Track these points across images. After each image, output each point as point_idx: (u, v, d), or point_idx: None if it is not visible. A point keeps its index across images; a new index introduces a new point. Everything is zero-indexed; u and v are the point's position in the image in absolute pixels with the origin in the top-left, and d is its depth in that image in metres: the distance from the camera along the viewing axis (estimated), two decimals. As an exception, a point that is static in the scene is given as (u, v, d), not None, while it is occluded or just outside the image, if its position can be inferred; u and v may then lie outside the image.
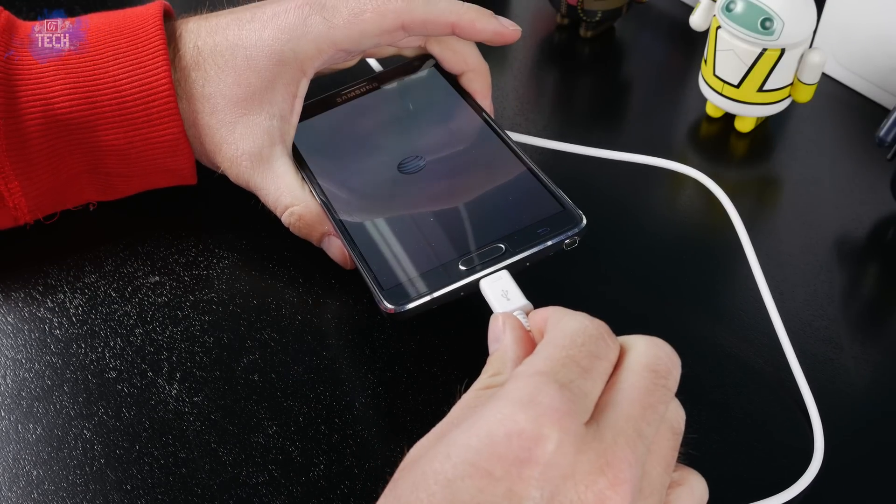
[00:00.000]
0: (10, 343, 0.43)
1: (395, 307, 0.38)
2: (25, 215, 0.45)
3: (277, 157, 0.44)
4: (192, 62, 0.44)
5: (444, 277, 0.39)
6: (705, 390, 0.43)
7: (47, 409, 0.41)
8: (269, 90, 0.44)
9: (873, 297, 0.48)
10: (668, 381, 0.31)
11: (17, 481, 0.39)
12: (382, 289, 0.39)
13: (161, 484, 0.39)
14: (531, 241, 0.39)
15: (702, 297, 0.47)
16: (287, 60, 0.44)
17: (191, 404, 0.41)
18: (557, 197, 0.41)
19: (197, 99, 0.44)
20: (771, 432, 0.41)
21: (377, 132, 0.48)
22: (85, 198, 0.47)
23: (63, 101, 0.43)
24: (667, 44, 0.62)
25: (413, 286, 0.39)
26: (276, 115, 0.44)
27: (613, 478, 0.28)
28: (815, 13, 0.51)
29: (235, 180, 0.45)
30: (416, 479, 0.28)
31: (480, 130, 0.46)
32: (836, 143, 0.56)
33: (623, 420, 0.29)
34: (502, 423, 0.28)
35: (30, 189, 0.44)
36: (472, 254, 0.39)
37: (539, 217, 0.40)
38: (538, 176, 0.42)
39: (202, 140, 0.45)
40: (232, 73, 0.44)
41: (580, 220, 0.40)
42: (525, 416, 0.28)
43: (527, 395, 0.29)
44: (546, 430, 0.27)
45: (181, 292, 0.46)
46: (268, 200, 0.45)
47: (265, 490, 0.39)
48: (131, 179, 0.46)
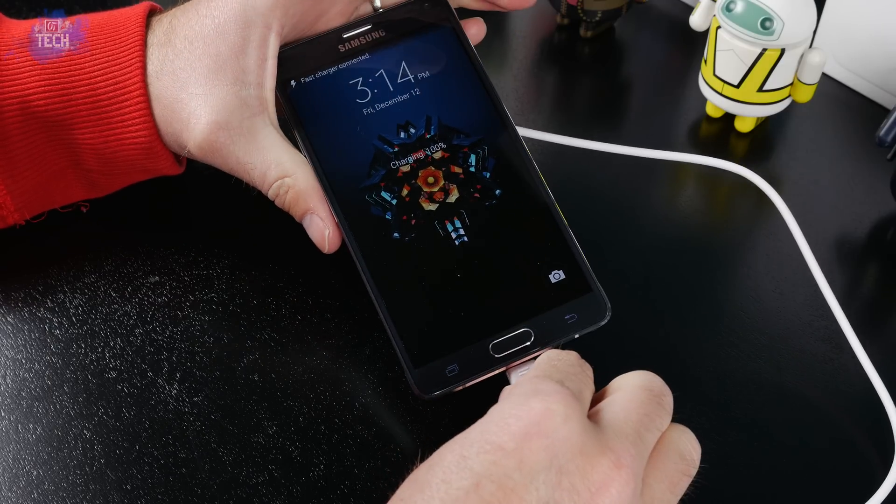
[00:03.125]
0: (10, 343, 0.43)
1: (426, 394, 0.38)
2: (13, 213, 0.44)
3: (260, 128, 0.42)
4: (163, 39, 0.43)
5: (475, 363, 0.39)
6: (706, 391, 0.43)
7: (47, 409, 0.41)
8: (239, 56, 0.42)
9: (873, 297, 0.48)
10: (662, 399, 0.33)
11: (17, 481, 0.39)
12: (414, 368, 0.39)
13: (161, 484, 0.39)
14: (559, 331, 0.39)
15: (702, 295, 0.47)
16: (251, 20, 0.42)
17: (191, 404, 0.41)
18: (587, 277, 0.41)
19: (166, 74, 0.42)
20: (772, 433, 0.41)
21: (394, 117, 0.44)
22: (73, 194, 0.46)
23: (39, 98, 0.42)
24: (667, 44, 0.62)
25: (444, 371, 0.39)
26: (251, 84, 0.42)
27: (616, 460, 0.29)
28: (815, 13, 0.51)
29: (208, 157, 0.43)
30: (434, 461, 0.30)
31: (513, 159, 0.43)
32: (836, 143, 0.56)
33: (622, 422, 0.31)
34: (513, 407, 0.30)
35: (14, 187, 0.43)
36: (504, 338, 0.39)
37: (568, 300, 0.40)
38: (571, 246, 0.41)
39: (171, 117, 0.42)
40: (200, 44, 0.42)
41: (606, 311, 0.40)
42: (534, 400, 0.30)
43: (531, 388, 0.31)
44: (554, 406, 0.30)
45: (181, 292, 0.46)
46: (253, 175, 0.42)
47: (265, 490, 0.39)
48: (113, 177, 0.46)
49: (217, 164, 0.43)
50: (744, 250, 0.50)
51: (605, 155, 0.49)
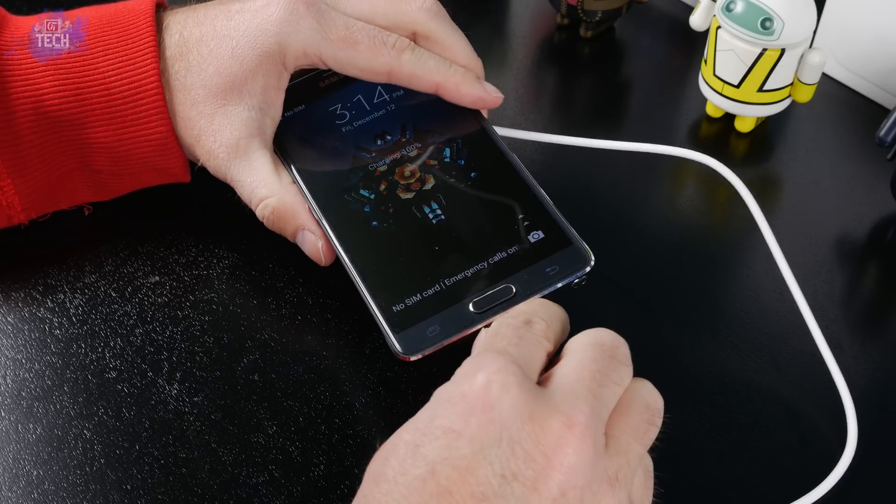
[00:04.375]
0: (10, 343, 0.43)
1: (409, 355, 0.38)
2: (19, 214, 0.44)
3: (255, 149, 0.43)
4: (176, 52, 0.44)
5: (456, 321, 0.39)
6: (706, 391, 0.43)
7: (47, 409, 0.41)
8: (249, 81, 0.43)
9: (873, 297, 0.48)
10: (615, 352, 0.32)
11: (17, 481, 0.39)
12: (395, 333, 0.39)
13: (161, 484, 0.39)
14: (541, 282, 0.39)
15: (702, 296, 0.47)
16: (271, 53, 0.43)
17: (191, 404, 0.41)
18: (565, 230, 0.41)
19: (178, 90, 0.43)
20: (772, 433, 0.41)
21: (371, 131, 0.46)
22: (78, 197, 0.47)
23: (53, 98, 0.43)
24: (667, 44, 0.62)
25: (426, 332, 0.39)
26: (255, 107, 0.44)
27: (567, 420, 0.29)
28: (815, 13, 0.51)
29: (214, 172, 0.45)
30: (388, 453, 0.30)
31: (482, 137, 0.45)
32: (836, 143, 0.56)
33: (572, 382, 0.31)
34: (456, 386, 0.30)
35: (23, 187, 0.44)
36: (484, 295, 0.39)
37: (548, 254, 0.40)
38: (546, 204, 0.42)
39: (183, 132, 0.44)
40: (214, 63, 0.43)
41: (589, 259, 0.40)
42: (475, 375, 0.30)
43: (473, 363, 0.31)
44: (495, 377, 0.30)
45: (181, 292, 0.46)
46: (243, 193, 0.44)
47: (265, 490, 0.39)
48: (122, 178, 0.46)
49: (218, 177, 0.45)
50: (744, 250, 0.50)
51: (604, 155, 0.49)
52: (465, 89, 0.45)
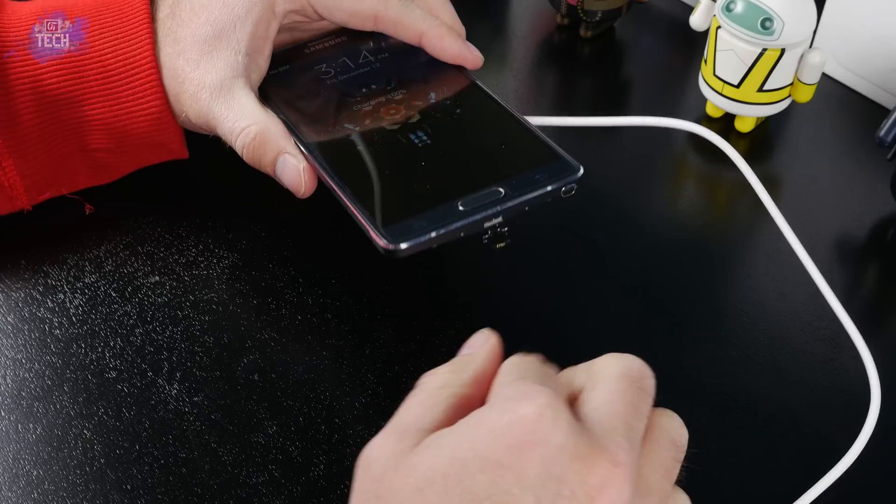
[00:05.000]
0: (10, 343, 0.43)
1: (395, 243, 0.36)
2: (21, 195, 0.45)
3: (239, 87, 0.43)
4: (168, 13, 0.44)
5: (443, 217, 0.37)
6: (706, 392, 0.43)
7: (47, 409, 0.41)
8: (238, 26, 0.43)
9: (873, 297, 0.48)
10: (643, 383, 0.31)
11: (17, 481, 0.39)
12: (382, 226, 0.37)
13: (161, 484, 0.39)
14: (529, 185, 0.38)
15: (702, 296, 0.47)
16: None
17: (191, 404, 0.41)
18: (552, 148, 0.41)
19: (168, 44, 0.44)
20: (772, 433, 0.41)
21: (356, 83, 0.46)
22: (79, 180, 0.47)
23: (51, 77, 0.43)
24: (667, 44, 0.62)
25: (412, 225, 0.37)
26: (241, 52, 0.43)
27: (612, 459, 0.28)
28: (815, 13, 0.51)
29: (196, 118, 0.44)
30: (418, 482, 0.28)
31: (467, 85, 0.45)
32: (836, 143, 0.56)
33: (608, 416, 0.30)
34: (503, 415, 0.28)
35: (24, 167, 0.44)
36: (472, 195, 0.38)
37: (537, 164, 0.40)
38: (532, 130, 0.42)
39: (168, 83, 0.44)
40: (204, 14, 0.44)
41: (577, 168, 0.39)
42: (523, 406, 0.28)
43: (517, 391, 0.29)
44: (545, 411, 0.28)
45: (181, 292, 0.46)
46: (224, 128, 0.43)
47: (265, 490, 0.39)
48: (120, 155, 0.46)
49: (201, 124, 0.44)
50: (744, 250, 0.50)
51: (604, 155, 0.49)
52: (448, 42, 0.45)
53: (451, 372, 0.32)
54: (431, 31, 0.45)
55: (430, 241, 0.37)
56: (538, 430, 0.28)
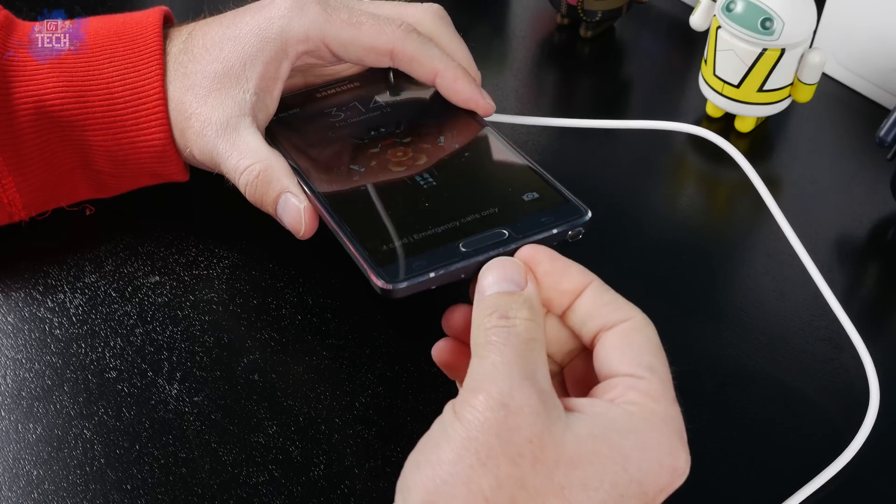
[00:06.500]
0: (10, 343, 0.43)
1: (392, 283, 0.36)
2: (20, 211, 0.45)
3: (245, 126, 0.43)
4: (182, 48, 0.44)
5: (444, 257, 0.37)
6: (706, 391, 0.43)
7: (47, 409, 0.41)
8: (248, 66, 0.43)
9: (873, 297, 0.48)
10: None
11: (17, 481, 0.39)
12: (381, 266, 0.37)
13: (161, 484, 0.39)
14: (535, 228, 0.38)
15: (702, 295, 0.47)
16: (271, 38, 0.43)
17: (191, 404, 0.41)
18: (560, 191, 0.40)
19: (177, 78, 0.44)
20: (772, 433, 0.41)
21: (364, 126, 0.46)
22: (79, 194, 0.47)
23: (55, 99, 0.43)
24: (667, 44, 0.62)
25: (412, 265, 0.37)
26: (249, 90, 0.43)
27: None
28: (815, 13, 0.51)
29: (201, 155, 0.43)
30: (583, 479, 0.30)
31: (477, 129, 0.45)
32: (836, 143, 0.56)
33: None
34: (670, 454, 0.31)
35: (24, 185, 0.44)
36: (474, 236, 0.38)
37: (543, 207, 0.39)
38: (540, 173, 0.41)
39: (175, 116, 0.44)
40: (215, 50, 0.44)
41: (585, 212, 0.39)
42: (680, 454, 0.31)
43: (680, 427, 0.32)
44: (684, 467, 0.32)
45: (181, 292, 0.46)
46: (228, 165, 0.42)
47: (265, 490, 0.39)
48: (121, 179, 0.46)
49: (206, 161, 0.44)
50: (744, 250, 0.50)
51: (604, 155, 0.49)
52: (462, 84, 0.44)
53: (530, 319, 0.33)
54: (447, 71, 0.44)
55: (429, 282, 0.36)
56: (676, 481, 0.31)
